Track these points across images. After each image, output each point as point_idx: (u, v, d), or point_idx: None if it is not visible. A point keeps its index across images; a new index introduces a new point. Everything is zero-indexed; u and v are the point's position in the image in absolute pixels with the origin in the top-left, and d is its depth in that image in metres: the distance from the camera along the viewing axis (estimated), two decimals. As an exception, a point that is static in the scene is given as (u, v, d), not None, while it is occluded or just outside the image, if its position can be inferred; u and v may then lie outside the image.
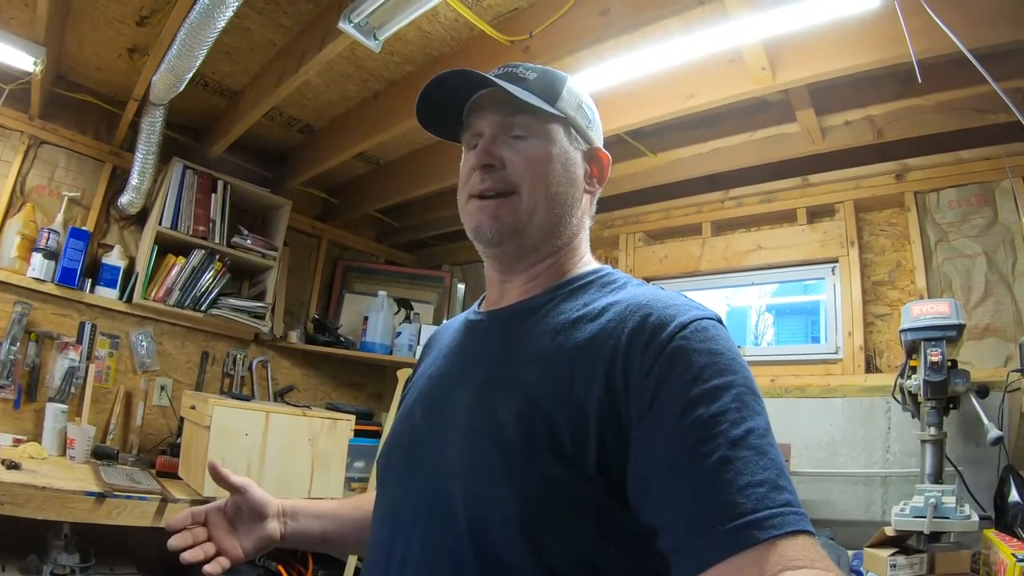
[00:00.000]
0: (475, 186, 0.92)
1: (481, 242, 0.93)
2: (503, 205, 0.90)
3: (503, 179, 0.90)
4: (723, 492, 0.62)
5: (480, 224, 0.91)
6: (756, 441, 0.66)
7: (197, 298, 3.30)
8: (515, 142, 0.92)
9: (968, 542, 1.94)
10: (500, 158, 0.91)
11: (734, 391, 0.69)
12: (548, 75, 0.96)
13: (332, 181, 4.11)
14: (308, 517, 1.12)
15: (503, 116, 0.92)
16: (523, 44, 2.25)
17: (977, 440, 2.20)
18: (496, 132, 0.93)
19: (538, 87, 0.92)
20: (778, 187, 3.08)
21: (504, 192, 0.90)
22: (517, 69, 0.95)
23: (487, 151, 0.91)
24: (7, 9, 2.51)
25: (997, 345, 2.39)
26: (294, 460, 2.73)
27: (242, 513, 1.06)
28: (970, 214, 2.56)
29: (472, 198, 0.93)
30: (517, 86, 0.91)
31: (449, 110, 0.98)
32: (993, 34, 1.81)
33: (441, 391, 0.92)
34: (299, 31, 2.56)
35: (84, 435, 2.79)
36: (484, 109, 0.94)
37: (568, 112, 0.94)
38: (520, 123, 0.92)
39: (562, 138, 0.93)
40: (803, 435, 2.68)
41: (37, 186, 3.10)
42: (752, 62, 2.20)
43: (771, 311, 4.27)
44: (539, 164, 0.91)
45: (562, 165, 0.92)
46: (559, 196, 0.92)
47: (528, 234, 0.91)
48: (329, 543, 1.18)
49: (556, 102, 0.93)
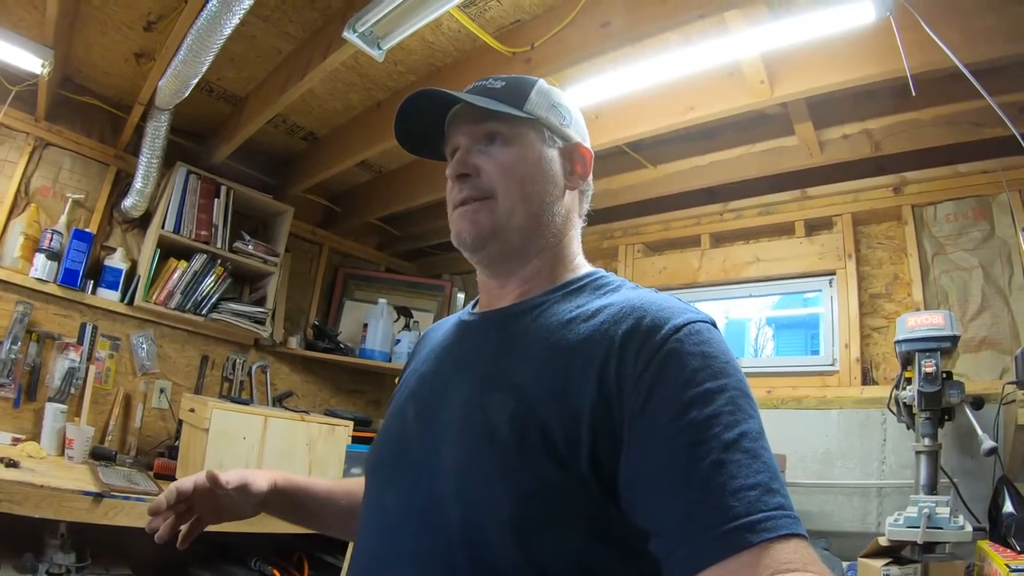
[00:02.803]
0: (455, 196, 0.95)
1: (464, 247, 0.95)
2: (480, 209, 0.92)
3: (478, 186, 0.93)
4: (716, 495, 0.63)
5: (460, 230, 0.94)
6: (749, 444, 0.66)
7: (198, 302, 3.32)
8: (488, 149, 0.94)
9: (962, 553, 1.93)
10: (474, 166, 0.93)
11: (727, 394, 0.69)
12: (516, 82, 0.98)
13: (334, 189, 4.13)
14: (297, 502, 1.13)
15: (474, 126, 0.95)
16: (525, 56, 2.27)
17: (972, 452, 2.20)
18: (470, 143, 0.95)
19: (505, 95, 0.95)
20: (777, 200, 3.09)
21: (481, 197, 0.93)
22: (486, 82, 0.98)
23: (461, 161, 0.94)
24: (16, 11, 2.54)
25: (993, 358, 2.40)
26: (292, 465, 2.73)
27: (232, 496, 1.06)
28: (967, 227, 2.56)
29: (455, 208, 0.95)
30: (485, 97, 0.94)
31: (437, 131, 1.02)
32: (989, 49, 1.83)
33: (433, 391, 0.92)
34: (304, 39, 2.58)
35: (83, 435, 2.79)
36: (458, 123, 0.97)
37: (538, 113, 0.96)
38: (491, 130, 0.94)
39: (534, 139, 0.95)
40: (799, 446, 2.68)
41: (41, 187, 3.11)
42: (751, 75, 2.23)
43: (771, 324, 4.26)
44: (512, 167, 0.93)
45: (535, 165, 0.94)
46: (535, 195, 0.94)
47: (508, 236, 0.92)
48: (311, 525, 1.19)
49: (524, 105, 0.95)
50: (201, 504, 1.06)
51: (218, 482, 1.02)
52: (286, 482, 1.11)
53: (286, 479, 1.12)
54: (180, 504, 1.04)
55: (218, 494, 1.05)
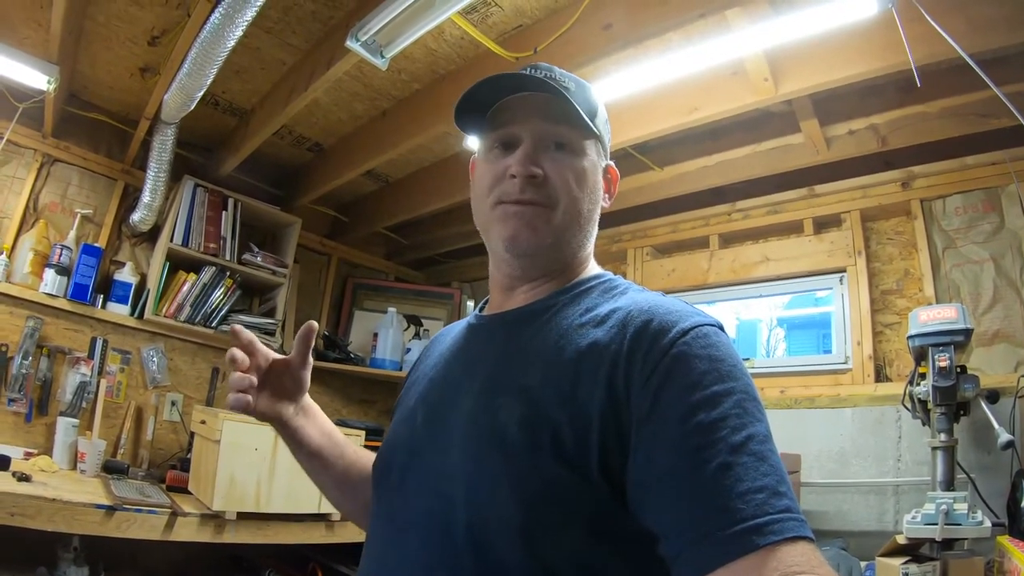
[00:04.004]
0: (511, 193, 0.89)
1: (513, 252, 0.90)
2: (540, 216, 0.88)
3: (545, 193, 0.88)
4: (723, 498, 0.63)
5: (517, 233, 0.88)
6: (756, 447, 0.66)
7: (208, 314, 3.33)
8: (557, 154, 0.90)
9: (982, 550, 1.91)
10: (543, 169, 0.88)
11: (734, 397, 0.69)
12: (584, 87, 0.94)
13: (341, 199, 4.15)
14: (316, 427, 1.09)
15: (547, 125, 0.90)
16: (528, 61, 2.27)
17: (988, 447, 2.18)
18: (537, 140, 0.90)
19: (580, 99, 0.89)
20: (784, 198, 3.08)
21: (543, 204, 0.88)
22: (554, 74, 0.91)
23: (531, 160, 0.88)
24: (21, 28, 2.56)
25: (1007, 351, 2.37)
26: (304, 475, 2.66)
27: (284, 381, 1.03)
28: (977, 220, 2.55)
29: (503, 203, 0.90)
30: (563, 95, 0.88)
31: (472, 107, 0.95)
32: (993, 39, 1.82)
33: (442, 395, 0.91)
34: (308, 50, 2.60)
35: (95, 449, 2.80)
36: (527, 113, 0.91)
37: (601, 129, 0.94)
38: (563, 135, 0.90)
39: (595, 155, 0.94)
40: (813, 446, 2.65)
41: (50, 203, 3.14)
42: (755, 73, 2.22)
43: (782, 324, 4.25)
44: (578, 181, 0.90)
45: (594, 183, 0.93)
46: (589, 213, 0.93)
47: (559, 248, 0.91)
48: (314, 464, 1.11)
49: (595, 118, 0.92)
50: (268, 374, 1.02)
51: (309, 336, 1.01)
52: (313, 406, 1.10)
53: (313, 405, 1.10)
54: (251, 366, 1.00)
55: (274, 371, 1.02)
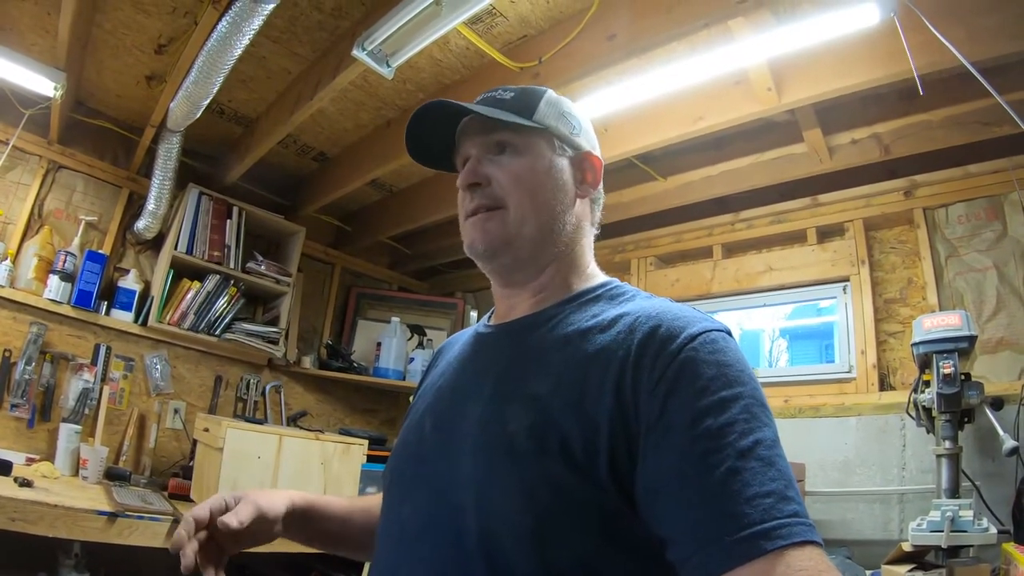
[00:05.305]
0: (466, 206, 0.96)
1: (475, 256, 0.96)
2: (491, 218, 0.93)
3: (490, 195, 0.94)
4: (731, 502, 0.63)
5: (473, 240, 0.95)
6: (764, 452, 0.67)
7: (211, 322, 3.34)
8: (498, 159, 0.95)
9: (987, 557, 1.90)
10: (485, 175, 0.94)
11: (742, 402, 0.70)
12: (525, 92, 0.99)
13: (345, 208, 4.16)
14: (315, 522, 1.07)
15: (484, 136, 0.96)
16: (532, 70, 2.29)
17: (993, 454, 2.17)
18: (480, 152, 0.96)
19: (515, 105, 0.96)
20: (788, 208, 3.08)
21: (492, 207, 0.93)
22: (496, 92, 0.99)
23: (472, 171, 0.95)
24: (29, 35, 2.59)
25: (1011, 358, 2.36)
26: (307, 484, 2.72)
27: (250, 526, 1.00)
28: (979, 228, 2.55)
29: (467, 218, 0.96)
30: (495, 108, 0.95)
31: (448, 142, 1.02)
32: (994, 47, 1.83)
33: (451, 403, 0.92)
34: (313, 59, 2.61)
35: (97, 456, 2.80)
36: (469, 133, 0.98)
37: (548, 122, 0.96)
38: (501, 140, 0.95)
39: (544, 149, 0.96)
40: (818, 455, 2.65)
41: (55, 210, 3.15)
42: (758, 83, 2.23)
43: (784, 335, 4.24)
44: (522, 177, 0.94)
45: (545, 174, 0.95)
46: (546, 205, 0.94)
47: (519, 245, 0.93)
48: (328, 546, 1.12)
49: (533, 115, 0.95)
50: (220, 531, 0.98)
51: (230, 527, 0.93)
52: (304, 501, 1.06)
53: (304, 498, 1.07)
54: (200, 532, 0.96)
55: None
